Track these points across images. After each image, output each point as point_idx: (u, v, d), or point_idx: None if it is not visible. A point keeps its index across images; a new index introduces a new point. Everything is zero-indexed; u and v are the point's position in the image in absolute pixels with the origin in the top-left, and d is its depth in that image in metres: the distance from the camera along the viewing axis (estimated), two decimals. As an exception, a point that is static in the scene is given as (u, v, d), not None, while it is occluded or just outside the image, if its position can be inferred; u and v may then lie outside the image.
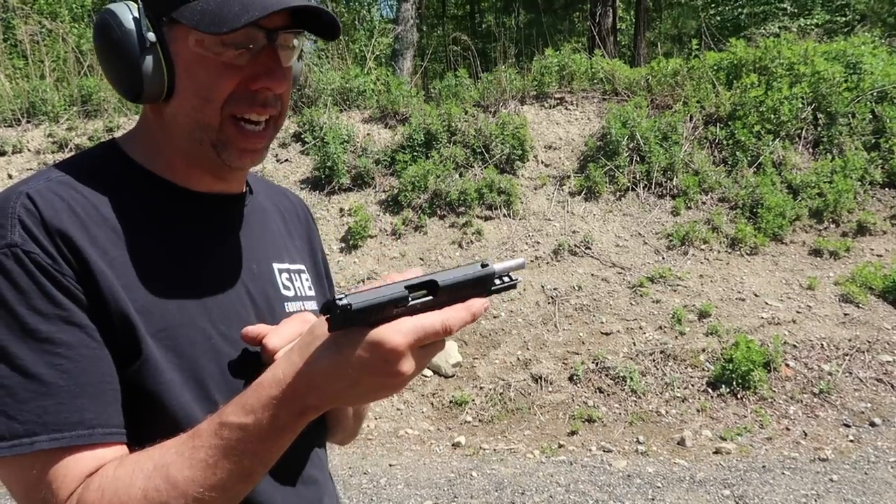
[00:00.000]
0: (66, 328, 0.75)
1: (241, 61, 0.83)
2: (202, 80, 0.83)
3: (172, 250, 0.87)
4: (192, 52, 0.82)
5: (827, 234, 5.96)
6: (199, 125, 0.85)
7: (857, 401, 4.59)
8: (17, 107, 7.39)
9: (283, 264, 1.02)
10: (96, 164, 0.88)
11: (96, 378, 0.76)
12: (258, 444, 0.73)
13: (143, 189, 0.88)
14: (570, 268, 5.82)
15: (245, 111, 0.85)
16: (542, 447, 4.39)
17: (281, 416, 0.72)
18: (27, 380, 0.73)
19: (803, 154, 6.50)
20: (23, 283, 0.74)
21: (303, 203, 1.19)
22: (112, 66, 0.86)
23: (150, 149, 0.91)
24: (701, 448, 4.30)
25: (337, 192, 6.61)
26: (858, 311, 5.23)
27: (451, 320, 0.71)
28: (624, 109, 6.68)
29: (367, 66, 8.20)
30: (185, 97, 0.84)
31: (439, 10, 21.72)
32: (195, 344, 0.84)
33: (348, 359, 0.70)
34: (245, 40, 0.82)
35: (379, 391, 0.73)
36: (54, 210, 0.78)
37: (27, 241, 0.75)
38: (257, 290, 0.94)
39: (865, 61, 6.75)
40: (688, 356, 4.98)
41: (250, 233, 0.98)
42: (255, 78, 0.84)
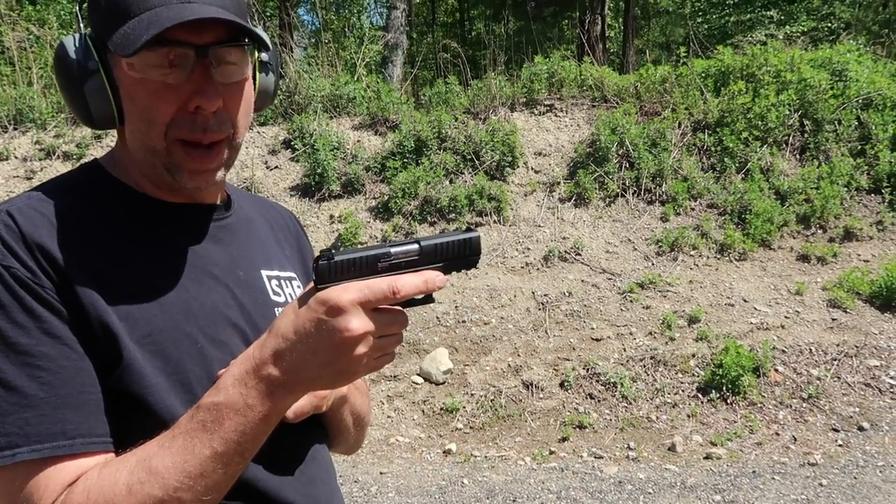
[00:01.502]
0: (47, 340, 0.76)
1: (176, 80, 0.82)
2: (142, 103, 0.83)
3: (153, 258, 0.87)
4: (128, 76, 0.83)
5: (814, 240, 6.00)
6: (148, 149, 0.86)
7: (845, 405, 4.62)
8: (4, 114, 7.34)
9: (273, 271, 1.02)
10: (77, 180, 0.90)
11: (77, 389, 0.77)
12: (230, 424, 0.74)
13: (121, 201, 0.89)
14: (561, 274, 5.83)
15: (186, 135, 0.85)
16: (533, 454, 4.39)
17: (249, 391, 0.74)
18: (8, 392, 0.74)
19: (790, 160, 6.56)
20: (2, 298, 0.76)
21: (292, 215, 1.20)
22: (65, 95, 0.89)
23: (123, 168, 0.93)
24: (691, 453, 4.31)
25: (327, 199, 6.60)
26: (846, 316, 5.27)
27: (399, 281, 0.73)
28: (613, 116, 6.71)
29: (358, 73, 8.20)
30: (131, 121, 0.86)
31: (429, 17, 21.80)
32: (181, 348, 0.84)
33: (303, 321, 0.73)
34: (174, 60, 0.82)
35: (337, 356, 0.73)
36: (34, 224, 0.80)
37: (6, 255, 0.77)
38: (245, 296, 0.95)
39: (851, 69, 6.83)
40: (678, 362, 4.99)
41: (235, 241, 0.99)
42: (190, 97, 0.83)
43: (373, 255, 0.74)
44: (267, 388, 0.74)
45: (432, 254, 0.77)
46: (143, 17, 0.80)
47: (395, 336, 0.77)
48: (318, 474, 0.98)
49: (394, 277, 0.73)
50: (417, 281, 0.75)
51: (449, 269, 0.79)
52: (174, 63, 0.82)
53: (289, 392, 0.75)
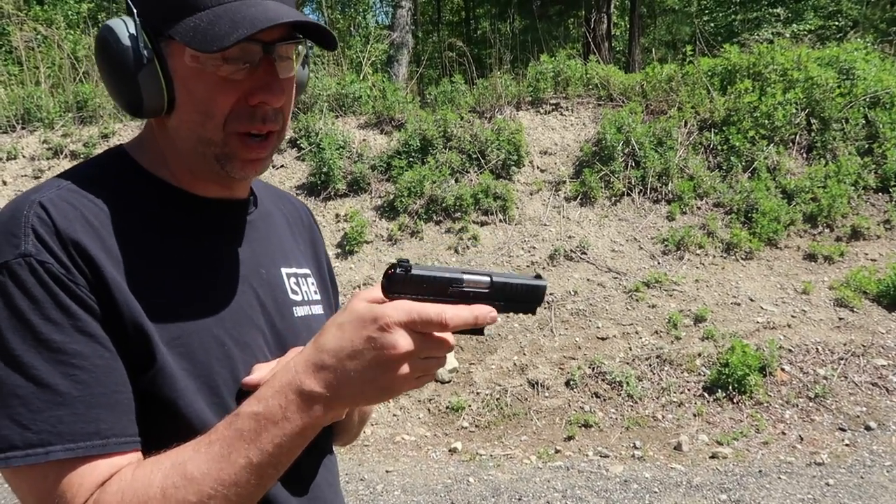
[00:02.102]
0: (80, 338, 0.75)
1: (238, 76, 0.82)
2: (201, 96, 0.83)
3: (184, 257, 0.87)
4: (188, 67, 0.82)
5: (821, 239, 5.98)
6: (202, 140, 0.85)
7: (852, 405, 4.61)
8: (12, 113, 7.38)
9: (291, 268, 1.02)
10: (105, 171, 0.89)
11: (110, 388, 0.76)
12: (268, 435, 0.73)
13: (153, 196, 0.88)
14: (566, 273, 5.83)
15: (246, 127, 0.85)
16: (538, 453, 4.39)
17: (289, 404, 0.73)
18: (41, 389, 0.73)
19: (797, 159, 6.53)
20: (37, 293, 0.74)
21: (306, 208, 1.19)
22: (111, 82, 0.86)
23: (157, 157, 0.91)
24: (697, 453, 4.30)
25: (333, 198, 6.61)
26: (853, 316, 5.25)
27: (448, 311, 0.72)
28: (619, 115, 6.70)
29: (363, 73, 8.22)
30: (185, 111, 0.84)
31: (435, 16, 21.80)
32: (209, 350, 0.84)
33: (350, 337, 0.72)
34: (241, 55, 0.82)
35: (381, 373, 0.72)
36: (67, 219, 0.78)
37: (41, 250, 0.75)
38: (267, 295, 0.95)
39: (858, 67, 6.80)
40: (684, 361, 4.99)
41: (258, 238, 0.98)
42: (253, 93, 0.83)
43: (446, 277, 0.74)
44: (306, 403, 0.73)
45: (501, 291, 0.77)
46: (218, 10, 0.80)
47: (439, 359, 0.76)
48: (327, 478, 0.99)
49: (443, 308, 0.72)
50: (467, 316, 0.73)
51: (507, 309, 0.78)
52: (241, 58, 0.82)
53: (329, 408, 0.74)
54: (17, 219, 0.77)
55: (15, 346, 0.73)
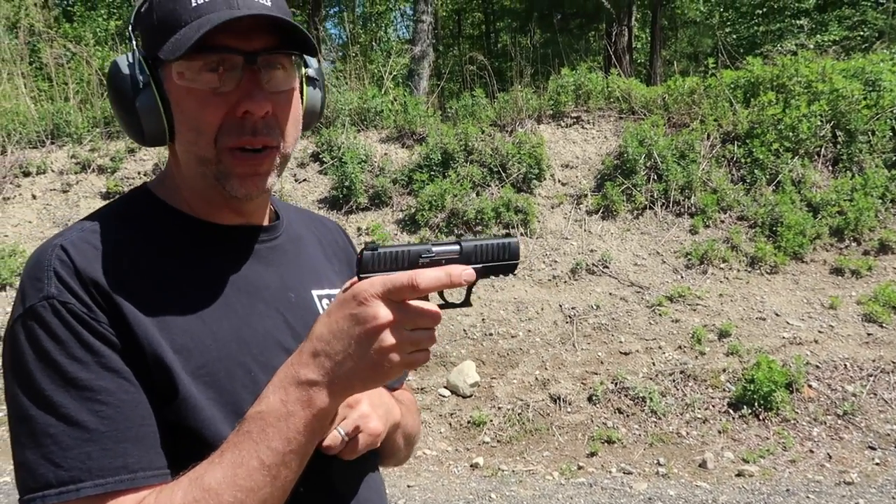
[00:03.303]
0: (105, 374, 0.78)
1: (226, 88, 0.83)
2: (191, 112, 0.84)
3: (205, 285, 0.89)
4: (178, 86, 0.84)
5: (848, 253, 5.89)
6: (199, 159, 0.87)
7: (882, 422, 4.51)
8: (41, 128, 7.54)
9: (323, 290, 1.02)
10: (126, 208, 0.92)
11: (136, 422, 0.78)
12: (273, 431, 0.74)
13: (171, 227, 0.91)
14: (588, 287, 5.80)
15: (236, 141, 0.85)
16: (561, 469, 4.35)
17: (288, 397, 0.75)
18: (71, 427, 0.75)
19: (823, 172, 6.45)
20: (60, 333, 0.77)
21: (340, 229, 1.22)
22: (117, 112, 0.90)
23: (173, 186, 0.94)
24: (723, 470, 4.24)
25: (354, 212, 6.65)
26: (882, 331, 5.15)
27: (420, 273, 0.73)
28: (641, 128, 6.67)
29: (385, 87, 8.28)
30: (182, 132, 0.86)
31: (455, 30, 21.93)
32: (235, 378, 0.86)
33: (335, 318, 0.75)
34: (220, 65, 0.83)
35: (366, 346, 0.73)
36: (87, 259, 0.81)
37: (63, 291, 0.78)
38: (296, 319, 0.95)
39: (885, 78, 6.71)
40: (708, 376, 4.92)
41: (285, 262, 0.99)
42: (239, 103, 0.84)
43: (415, 250, 0.77)
44: (305, 392, 0.75)
45: (471, 254, 0.79)
46: (194, 24, 0.82)
47: (427, 332, 0.76)
48: (371, 497, 1.00)
49: (415, 271, 0.74)
50: (439, 274, 0.74)
51: (487, 272, 0.80)
52: (223, 69, 0.83)
53: (328, 394, 0.75)
54: (41, 263, 0.81)
55: (45, 386, 0.76)
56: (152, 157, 7.27)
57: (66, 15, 14.20)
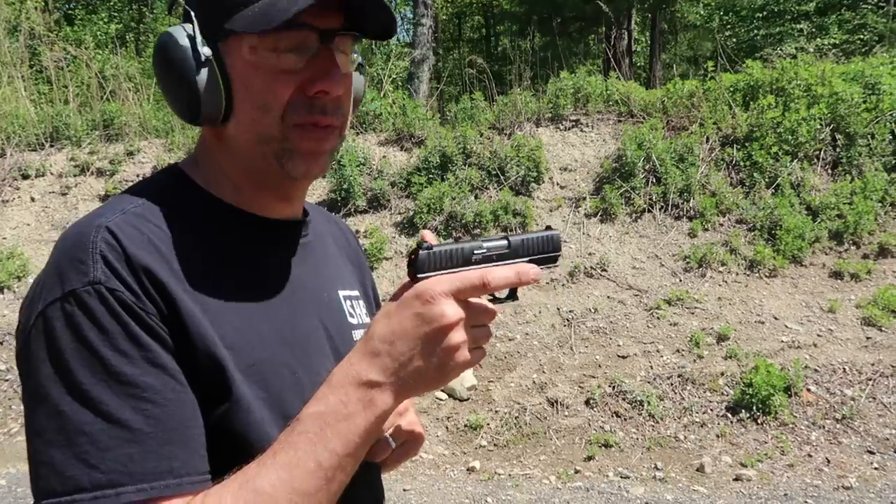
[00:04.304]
0: (152, 370, 0.71)
1: (296, 66, 0.80)
2: (258, 89, 0.80)
3: (251, 282, 0.85)
4: (246, 61, 0.80)
5: (847, 256, 5.87)
6: (261, 138, 0.82)
7: (881, 427, 4.49)
8: (41, 131, 7.54)
9: (346, 290, 1.01)
10: (167, 192, 0.85)
11: (183, 423, 0.73)
12: (332, 433, 0.71)
13: (216, 218, 0.86)
14: (586, 290, 5.78)
15: (305, 118, 0.82)
16: (557, 473, 4.33)
17: (349, 398, 0.72)
18: (111, 426, 0.69)
19: (822, 175, 6.44)
20: (106, 323, 0.70)
21: (350, 230, 1.17)
22: (169, 87, 0.84)
23: (216, 174, 0.88)
24: (721, 475, 4.22)
25: (353, 214, 6.65)
26: (881, 335, 5.13)
27: (491, 272, 0.74)
28: (640, 131, 6.67)
29: (384, 90, 8.28)
30: (243, 111, 0.81)
31: (455, 33, 21.96)
32: (282, 378, 0.82)
33: (399, 318, 0.73)
34: (298, 43, 0.80)
35: (434, 346, 0.72)
36: (136, 245, 0.75)
37: (111, 277, 0.72)
38: (329, 320, 0.93)
39: (884, 81, 6.70)
40: (706, 380, 4.91)
41: (317, 260, 0.97)
42: (312, 81, 0.80)
43: (468, 247, 0.78)
44: (366, 395, 0.72)
45: (519, 248, 0.81)
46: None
47: (485, 329, 0.76)
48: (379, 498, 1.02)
49: (485, 269, 0.74)
50: (509, 273, 0.75)
51: (534, 263, 0.82)
52: (297, 47, 0.79)
53: (390, 396, 0.73)
54: (83, 244, 0.74)
55: (83, 379, 0.69)
56: (150, 160, 7.28)
57: (67, 18, 14.24)
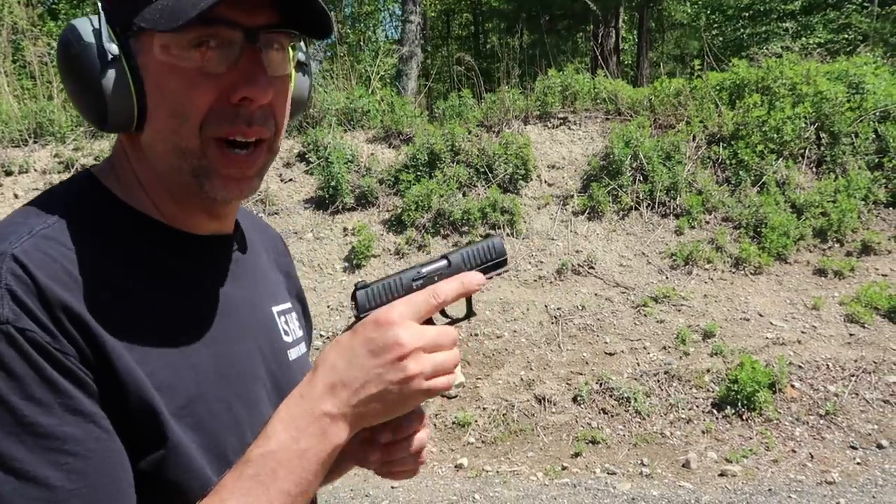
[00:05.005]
0: (71, 419, 0.63)
1: (217, 68, 0.70)
2: (174, 94, 0.70)
3: (181, 308, 0.76)
4: (159, 62, 0.70)
5: (831, 254, 5.94)
6: (177, 150, 0.72)
7: (863, 422, 4.55)
8: (24, 127, 7.46)
9: (280, 305, 0.93)
10: (81, 207, 0.74)
11: (110, 475, 0.65)
12: (284, 472, 0.67)
13: (136, 236, 0.75)
14: (574, 287, 5.81)
15: (228, 131, 0.72)
16: (545, 469, 4.35)
17: (301, 433, 0.68)
18: (25, 484, 0.60)
19: (807, 173, 6.50)
20: (16, 368, 0.61)
21: (279, 236, 1.08)
22: (73, 88, 0.73)
23: (132, 184, 0.77)
24: (706, 470, 4.25)
25: (340, 212, 6.63)
26: (864, 332, 5.19)
27: (437, 287, 0.74)
28: (627, 129, 6.70)
29: (372, 87, 8.27)
30: (158, 118, 0.71)
31: (444, 30, 21.93)
32: (217, 416, 0.75)
33: (353, 346, 0.70)
34: (218, 42, 0.70)
35: (391, 374, 0.69)
36: (49, 275, 0.65)
37: (20, 316, 0.62)
38: (264, 341, 0.86)
39: (868, 81, 6.77)
40: (692, 377, 4.94)
41: (249, 277, 0.88)
42: (235, 87, 0.70)
43: (406, 275, 0.77)
44: (321, 427, 0.68)
45: (461, 264, 0.79)
46: None
47: (450, 353, 0.73)
48: None
49: (432, 286, 0.74)
50: (455, 284, 0.74)
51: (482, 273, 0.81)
52: (215, 45, 0.69)
53: (345, 427, 0.69)
54: None
55: None
56: (137, 157, 7.23)
57: (51, 13, 14.09)
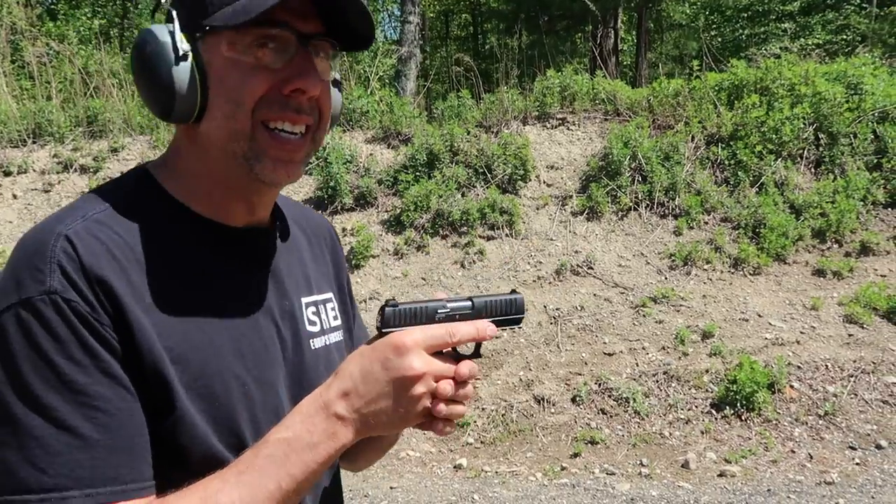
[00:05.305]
0: (104, 380, 0.73)
1: (273, 64, 0.80)
2: (233, 84, 0.80)
3: (210, 294, 0.85)
4: (224, 58, 0.80)
5: (830, 255, 5.94)
6: (232, 134, 0.81)
7: (862, 423, 4.55)
8: (23, 127, 7.45)
9: (311, 296, 1.00)
10: (132, 197, 0.85)
11: (131, 432, 0.75)
12: (295, 459, 0.75)
13: (179, 227, 0.85)
14: (573, 288, 5.81)
15: (277, 116, 0.81)
16: (544, 469, 4.35)
17: (315, 429, 0.77)
18: (61, 432, 0.71)
19: (805, 174, 6.50)
20: (61, 332, 0.72)
21: (327, 223, 1.15)
22: (145, 81, 0.83)
23: (185, 178, 0.88)
24: (705, 471, 4.25)
25: (339, 212, 6.63)
26: (863, 332, 5.20)
27: (455, 327, 0.81)
28: (626, 130, 6.70)
29: (371, 87, 8.26)
30: (217, 106, 0.81)
31: (443, 31, 21.94)
32: (231, 391, 0.83)
33: (370, 361, 0.79)
34: (276, 42, 0.80)
35: (398, 393, 0.78)
36: (94, 255, 0.76)
37: (67, 288, 0.73)
38: (287, 330, 0.93)
39: (866, 82, 6.78)
40: (691, 377, 4.94)
41: (282, 266, 0.96)
42: (288, 80, 0.81)
43: (432, 306, 0.83)
44: (332, 427, 0.77)
45: (482, 309, 0.86)
46: None
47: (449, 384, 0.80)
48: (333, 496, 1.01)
49: (451, 324, 0.81)
50: (471, 329, 0.82)
51: (496, 325, 0.87)
52: (274, 46, 0.80)
53: (352, 431, 0.78)
54: (42, 252, 0.75)
55: (35, 386, 0.71)
56: (135, 157, 7.21)
57: (50, 13, 14.09)
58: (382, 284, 5.97)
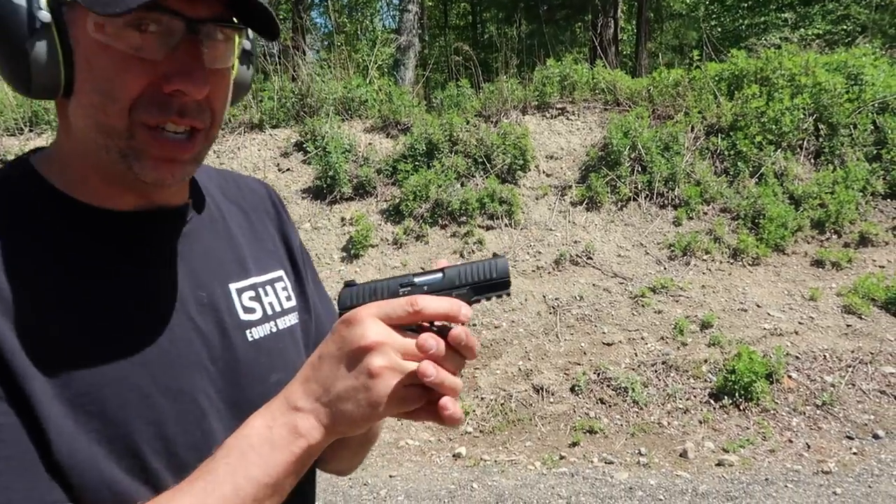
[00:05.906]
0: None
1: (154, 54, 0.67)
2: (103, 74, 0.67)
3: (96, 293, 0.72)
4: (91, 39, 0.67)
5: (829, 245, 5.95)
6: (103, 128, 0.69)
7: (860, 413, 4.57)
8: (19, 116, 7.42)
9: (247, 280, 0.87)
10: (8, 193, 0.73)
11: (18, 448, 0.64)
12: (255, 457, 0.67)
13: (61, 222, 0.73)
14: (572, 278, 5.81)
15: (157, 119, 0.69)
16: (543, 459, 4.37)
17: (275, 424, 0.68)
18: None
19: (805, 165, 6.50)
20: None
21: (267, 189, 1.00)
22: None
23: (63, 164, 0.76)
24: (703, 460, 4.27)
25: (338, 202, 6.61)
26: (861, 323, 5.21)
27: (420, 297, 0.68)
28: (625, 119, 6.68)
29: (370, 76, 8.23)
30: (84, 92, 0.69)
31: (441, 20, 21.84)
32: (127, 405, 0.70)
33: (326, 342, 0.70)
34: (158, 30, 0.67)
35: (355, 369, 0.66)
36: None
37: None
38: (209, 323, 0.80)
39: (867, 72, 6.76)
40: (690, 367, 4.96)
41: (197, 252, 0.82)
42: (169, 78, 0.68)
43: (394, 281, 0.73)
44: (292, 420, 0.68)
45: (456, 278, 0.73)
46: None
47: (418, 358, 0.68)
48: None
49: (413, 295, 0.69)
50: (441, 302, 0.68)
51: (477, 293, 0.74)
52: (157, 31, 0.67)
53: (317, 426, 0.68)
54: None
55: None
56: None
57: None
58: (381, 274, 5.96)
